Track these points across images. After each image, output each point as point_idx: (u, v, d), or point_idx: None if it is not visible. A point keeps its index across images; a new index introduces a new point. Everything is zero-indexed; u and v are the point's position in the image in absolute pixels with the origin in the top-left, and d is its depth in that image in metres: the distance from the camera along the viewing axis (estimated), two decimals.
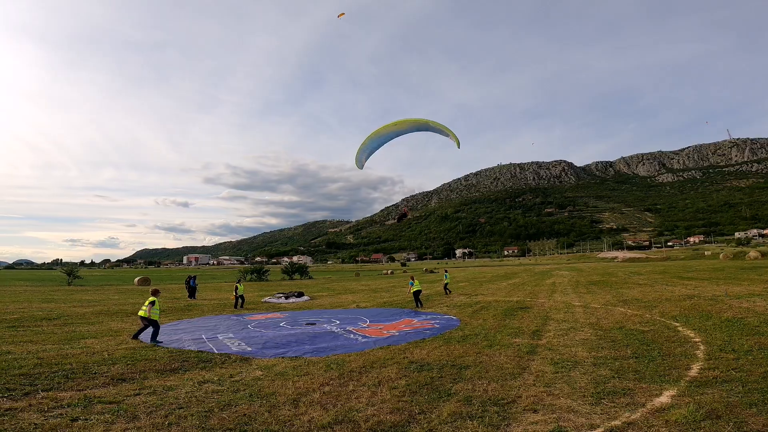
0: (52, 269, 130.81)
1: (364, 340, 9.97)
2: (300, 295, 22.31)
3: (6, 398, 5.30)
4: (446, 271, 23.95)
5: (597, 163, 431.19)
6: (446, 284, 22.58)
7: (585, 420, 4.79)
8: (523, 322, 11.86)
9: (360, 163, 15.86)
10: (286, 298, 21.47)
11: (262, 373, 6.87)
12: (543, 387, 5.96)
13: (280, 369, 7.15)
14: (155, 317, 9.52)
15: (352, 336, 10.51)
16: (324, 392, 5.82)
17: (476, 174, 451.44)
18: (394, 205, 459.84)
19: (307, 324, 12.57)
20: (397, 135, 16.02)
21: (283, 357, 8.16)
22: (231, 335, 10.63)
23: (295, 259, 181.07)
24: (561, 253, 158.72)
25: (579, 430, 4.54)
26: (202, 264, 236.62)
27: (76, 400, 5.26)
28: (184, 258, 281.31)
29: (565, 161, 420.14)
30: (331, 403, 5.40)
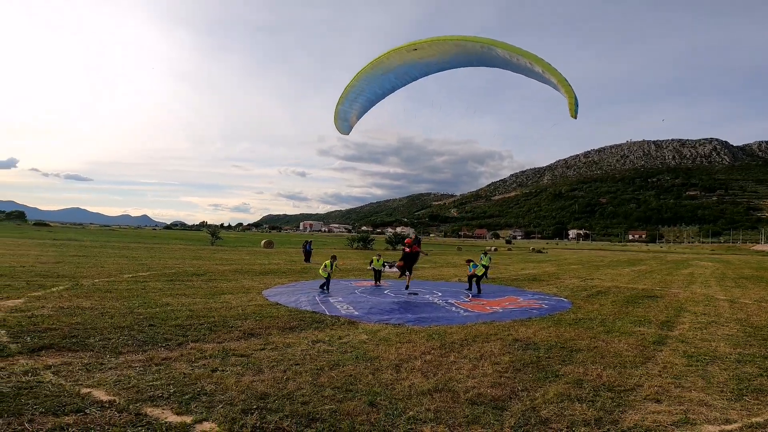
0: (199, 230, 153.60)
1: (465, 314, 9.95)
2: (391, 265, 22.89)
3: (163, 348, 5.95)
4: (486, 253, 20.30)
5: (760, 142, 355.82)
6: (486, 267, 18.52)
7: (719, 414, 4.29)
8: (649, 311, 10.66)
9: (343, 122, 10.20)
10: (390, 267, 22.25)
11: (367, 337, 7.27)
12: (671, 379, 5.39)
13: (384, 335, 7.49)
14: (324, 275, 13.17)
15: (453, 309, 10.56)
16: (425, 360, 5.97)
17: (599, 151, 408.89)
18: (501, 180, 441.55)
19: (410, 294, 12.93)
20: (423, 73, 9.22)
21: (386, 323, 8.54)
22: (340, 299, 11.45)
23: (398, 229, 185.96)
24: (703, 242, 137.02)
25: (711, 424, 4.05)
26: (315, 230, 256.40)
27: (217, 352, 5.84)
28: (301, 224, 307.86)
29: (716, 139, 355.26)
30: (432, 371, 5.52)
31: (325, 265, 13.40)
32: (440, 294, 13.32)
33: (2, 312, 7.11)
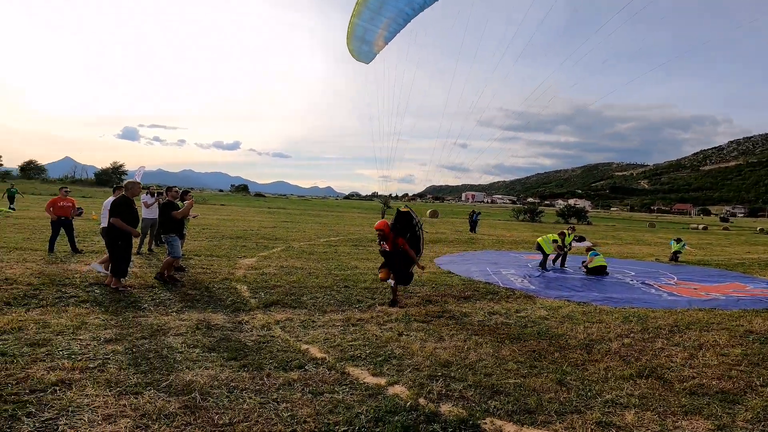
0: (371, 200, 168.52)
1: (671, 297, 8.57)
2: (580, 239, 20.82)
3: (357, 309, 6.34)
4: (679, 240, 15.90)
5: None
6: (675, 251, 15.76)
7: None
8: None
9: (361, 43, 7.16)
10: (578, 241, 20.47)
11: (547, 312, 6.90)
12: None
13: (567, 312, 7.00)
14: (548, 251, 11.76)
15: (653, 291, 9.19)
16: (623, 344, 5.40)
17: None
18: (715, 147, 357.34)
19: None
20: None
21: (568, 300, 7.95)
22: (513, 271, 11.10)
23: (571, 201, 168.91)
24: None
25: None
26: (477, 201, 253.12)
27: (401, 316, 6.06)
28: (463, 195, 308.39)
29: None
30: (633, 356, 4.96)
31: (554, 240, 11.91)
32: (633, 273, 11.74)
33: (243, 269, 8.95)
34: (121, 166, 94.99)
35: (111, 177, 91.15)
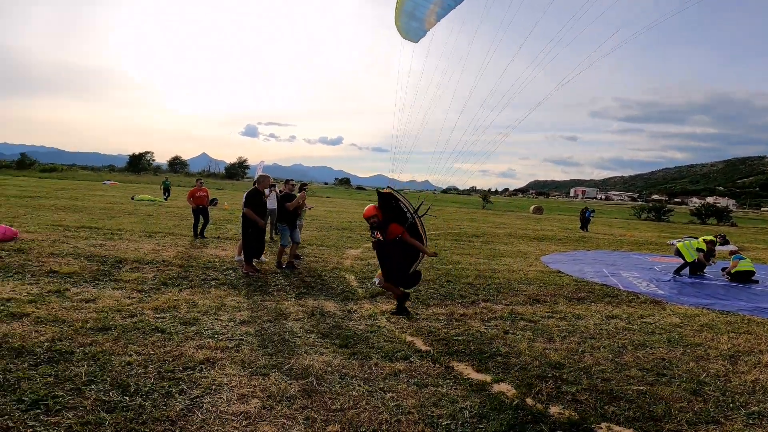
0: (469, 194, 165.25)
1: None
2: (724, 242, 17.90)
3: (459, 304, 6.30)
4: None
5: None
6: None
7: None
8: None
9: (410, 20, 6.06)
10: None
11: (680, 320, 6.15)
12: None
13: (706, 321, 6.17)
14: (689, 258, 9.99)
15: None
16: None
17: None
18: None
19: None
20: None
21: (708, 308, 6.95)
22: (636, 274, 9.99)
23: (710, 200, 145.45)
24: None
25: None
26: (588, 198, 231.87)
27: (506, 314, 5.92)
28: (571, 191, 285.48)
29: None
30: None
31: (699, 249, 10.15)
32: None
33: (350, 259, 9.49)
34: (245, 160, 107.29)
35: (237, 171, 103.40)
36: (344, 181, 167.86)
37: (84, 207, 17.28)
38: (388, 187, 5.75)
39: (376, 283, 5.59)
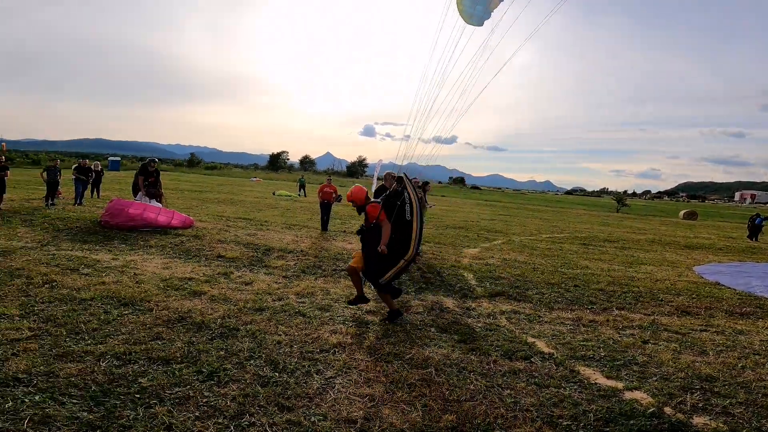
0: (599, 197, 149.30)
1: None
2: None
3: (589, 310, 6.02)
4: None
5: None
6: None
7: None
8: None
9: (476, 4, 5.26)
10: None
11: None
12: None
13: None
14: None
15: None
16: None
17: None
18: None
19: None
20: None
21: None
22: None
23: None
24: None
25: None
26: (761, 202, 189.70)
27: (646, 324, 5.52)
28: (736, 194, 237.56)
29: None
30: None
31: None
32: None
33: (468, 258, 9.47)
34: (364, 159, 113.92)
35: (357, 169, 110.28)
36: (458, 181, 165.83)
37: (239, 200, 20.27)
38: (404, 174, 4.99)
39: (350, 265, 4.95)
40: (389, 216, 4.77)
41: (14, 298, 4.60)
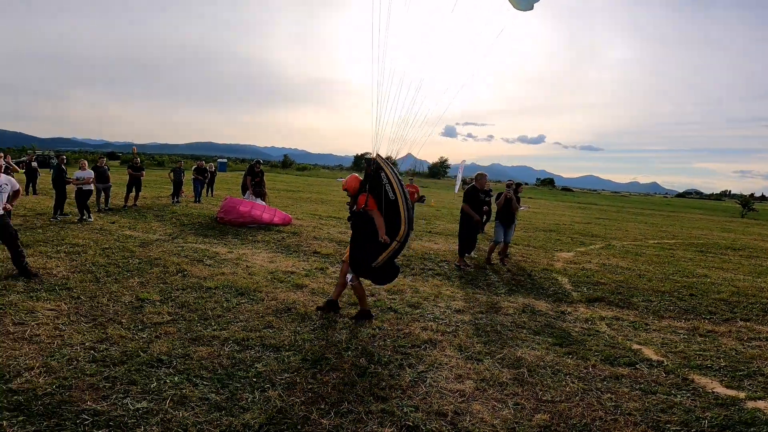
0: (719, 200, 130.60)
1: None
2: None
3: (707, 320, 5.60)
4: None
5: None
6: None
7: None
8: None
9: None
10: None
11: None
12: None
13: None
14: None
15: None
16: None
17: None
18: None
19: None
20: None
21: None
22: None
23: None
24: None
25: None
26: None
27: None
28: None
29: None
30: None
31: None
32: None
33: (561, 262, 9.00)
34: (445, 160, 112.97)
35: (438, 170, 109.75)
36: (547, 182, 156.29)
37: (328, 200, 21.42)
38: (377, 154, 4.64)
39: (349, 279, 4.70)
40: (378, 202, 4.51)
41: (155, 284, 5.43)
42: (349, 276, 4.64)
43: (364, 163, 4.96)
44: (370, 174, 4.59)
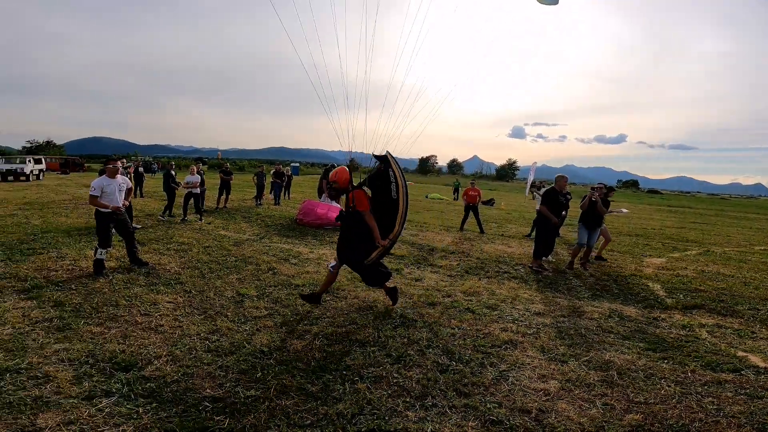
0: None
1: None
2: None
3: None
4: None
5: None
6: None
7: None
8: None
9: None
10: None
11: None
12: None
13: None
14: None
15: None
16: None
17: None
18: None
19: None
20: None
21: None
22: None
23: None
24: None
25: None
26: None
27: None
28: None
29: None
30: None
31: None
32: None
33: (652, 268, 8.39)
34: (514, 162, 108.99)
35: (507, 172, 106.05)
36: (630, 184, 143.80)
37: None
38: (387, 152, 4.78)
39: (330, 266, 4.90)
40: (373, 200, 4.65)
41: (251, 281, 5.98)
42: (332, 263, 4.92)
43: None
44: (380, 171, 4.74)
